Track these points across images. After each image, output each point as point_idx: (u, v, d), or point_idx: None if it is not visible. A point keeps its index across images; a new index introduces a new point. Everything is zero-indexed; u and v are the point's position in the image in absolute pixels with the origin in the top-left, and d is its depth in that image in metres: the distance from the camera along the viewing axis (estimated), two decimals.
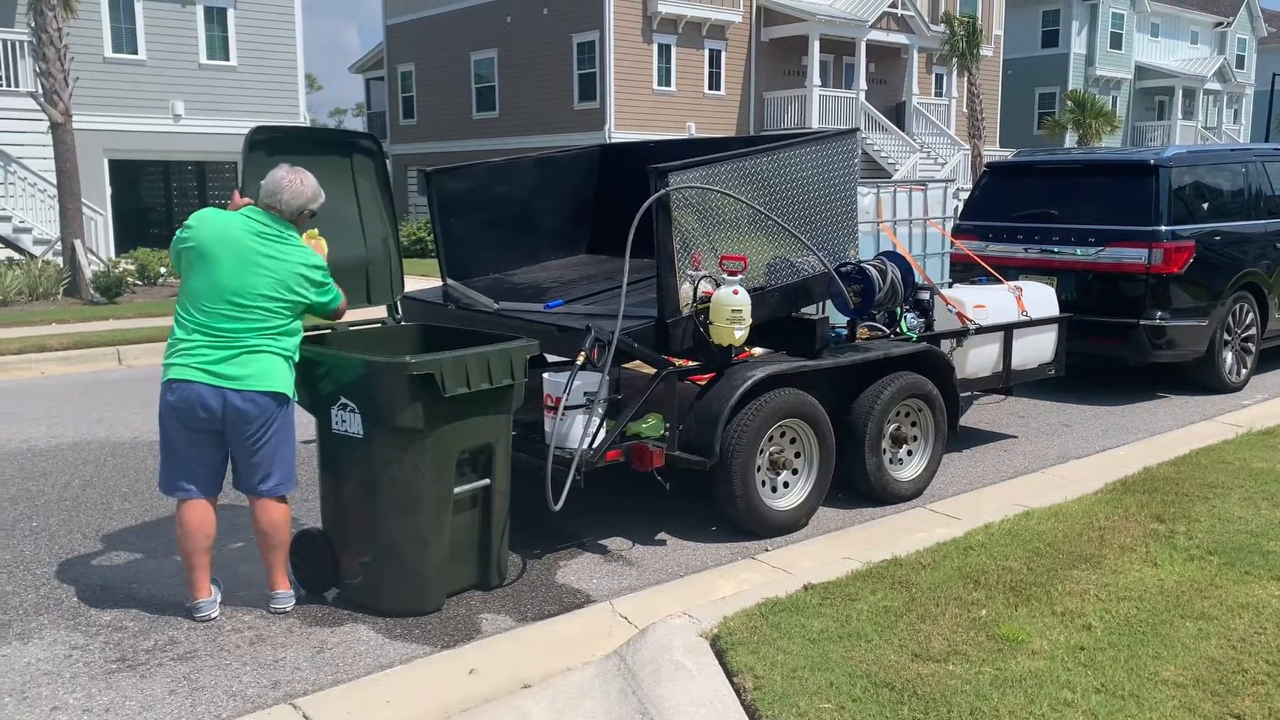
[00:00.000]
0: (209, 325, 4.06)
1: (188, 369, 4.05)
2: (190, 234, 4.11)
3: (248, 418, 4.10)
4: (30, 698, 3.63)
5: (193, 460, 4.16)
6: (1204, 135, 42.41)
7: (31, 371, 10.21)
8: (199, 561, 4.25)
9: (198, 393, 4.04)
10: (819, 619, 3.91)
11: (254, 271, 4.07)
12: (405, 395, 4.03)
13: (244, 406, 4.07)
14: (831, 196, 5.79)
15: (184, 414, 4.08)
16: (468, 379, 4.15)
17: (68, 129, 14.93)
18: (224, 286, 4.04)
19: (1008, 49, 37.47)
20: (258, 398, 4.09)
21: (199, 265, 4.07)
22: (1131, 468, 6.11)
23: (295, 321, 4.22)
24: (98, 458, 6.86)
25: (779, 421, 5.23)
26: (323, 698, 3.59)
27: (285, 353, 4.18)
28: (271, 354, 4.12)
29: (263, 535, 4.29)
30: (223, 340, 4.05)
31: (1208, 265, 8.56)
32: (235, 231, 4.10)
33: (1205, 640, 3.77)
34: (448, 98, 31.68)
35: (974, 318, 6.55)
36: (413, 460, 4.13)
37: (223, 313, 4.05)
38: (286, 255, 4.14)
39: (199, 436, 4.13)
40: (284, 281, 4.12)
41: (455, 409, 4.18)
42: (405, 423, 4.07)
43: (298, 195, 4.20)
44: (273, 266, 4.10)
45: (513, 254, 6.65)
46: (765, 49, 29.77)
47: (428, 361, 4.06)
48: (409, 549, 4.21)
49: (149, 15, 20.90)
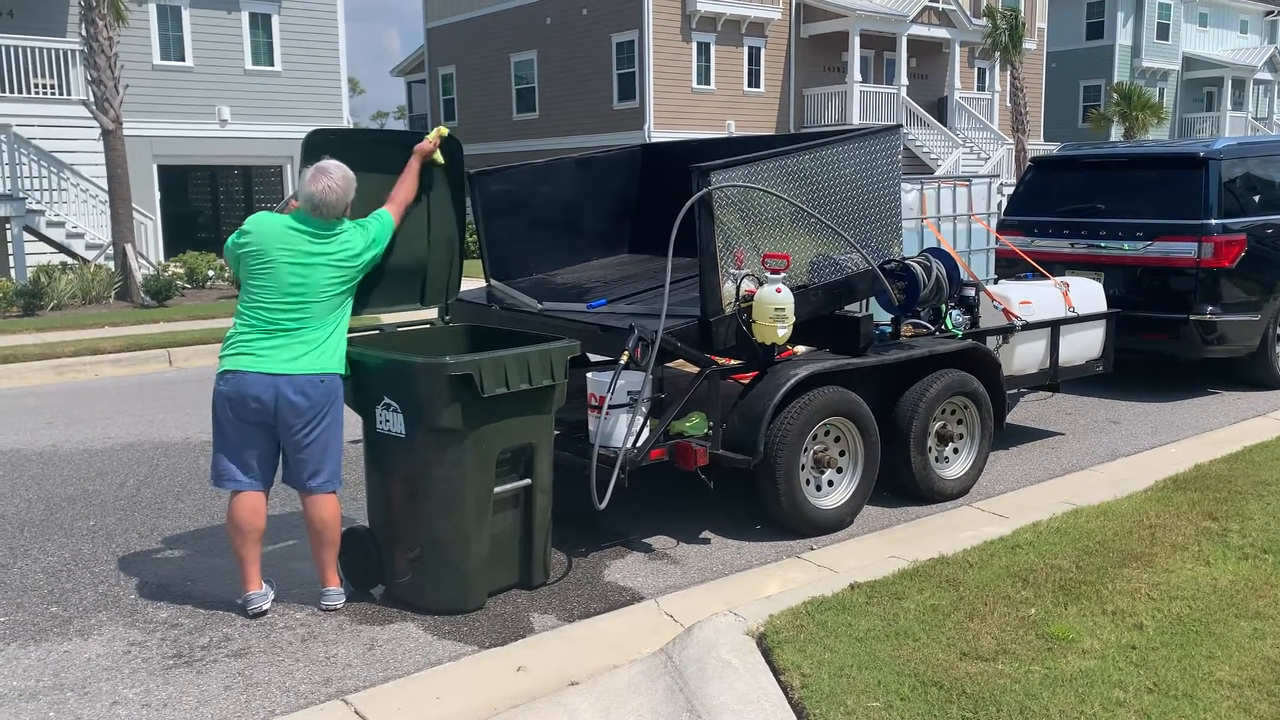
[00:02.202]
0: (269, 320, 4.16)
1: (242, 358, 4.16)
2: (248, 238, 4.22)
3: (298, 410, 4.16)
4: (91, 692, 3.72)
5: (244, 451, 4.23)
6: (1254, 126, 41.55)
7: (86, 374, 10.42)
8: (249, 554, 4.33)
9: (250, 382, 4.13)
10: (866, 618, 3.90)
11: (313, 269, 4.20)
12: (445, 395, 4.07)
13: (295, 399, 4.15)
14: (875, 193, 5.76)
15: (236, 404, 4.16)
16: (506, 379, 4.18)
17: (118, 135, 15.22)
18: (284, 284, 4.16)
19: (1051, 42, 36.98)
20: (309, 389, 4.16)
21: (258, 266, 4.18)
22: (1182, 465, 6.03)
23: (348, 300, 4.36)
24: (151, 458, 7.00)
25: (823, 420, 5.21)
26: (374, 694, 3.64)
27: (338, 332, 4.30)
28: (324, 342, 4.23)
29: (314, 532, 4.36)
30: (280, 334, 4.16)
31: (1260, 259, 8.40)
32: (289, 234, 4.22)
33: (1260, 640, 3.71)
34: (488, 99, 31.86)
35: (1020, 314, 6.49)
36: (453, 460, 4.17)
37: (282, 308, 4.16)
38: (341, 246, 4.29)
39: (250, 428, 4.20)
40: (343, 264, 4.28)
41: (495, 409, 4.21)
42: (445, 423, 4.11)
43: (339, 197, 4.27)
44: (330, 260, 4.24)
45: (555, 254, 6.68)
46: (805, 46, 29.63)
47: (466, 362, 4.10)
48: (451, 548, 4.25)
49: (196, 23, 21.25)
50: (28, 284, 14.26)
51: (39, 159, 17.37)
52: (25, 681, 3.80)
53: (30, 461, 6.94)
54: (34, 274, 14.71)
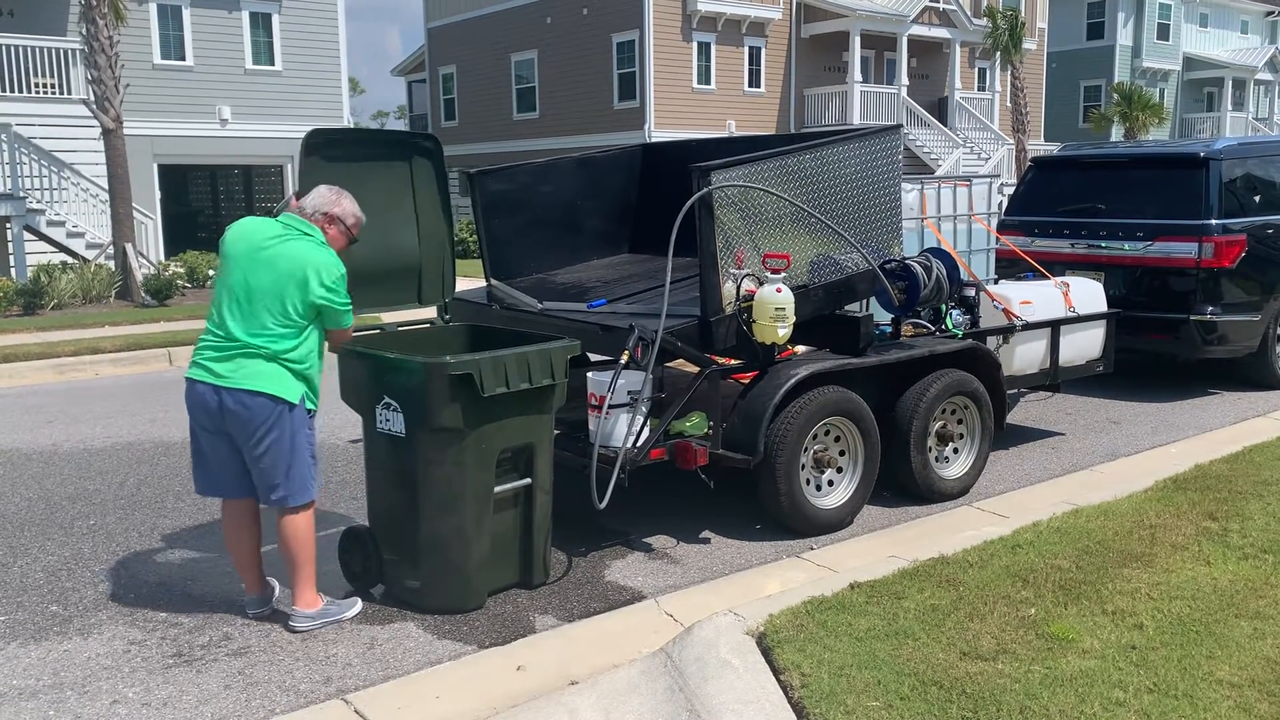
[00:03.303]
0: (219, 325, 4.05)
1: (194, 367, 4.07)
2: (222, 240, 4.15)
3: (240, 420, 4.00)
4: (91, 691, 3.72)
5: (214, 459, 4.15)
6: (1255, 126, 41.53)
7: (86, 373, 10.42)
8: (243, 561, 4.29)
9: (200, 391, 4.04)
10: (866, 617, 3.90)
11: (258, 269, 4.00)
12: (445, 395, 4.06)
13: (235, 408, 3.99)
14: (875, 193, 5.76)
15: (194, 413, 4.10)
16: (507, 379, 4.17)
17: (119, 135, 15.21)
18: (233, 286, 4.02)
19: (1052, 42, 36.97)
20: (246, 399, 3.98)
21: (221, 268, 4.11)
22: (1183, 465, 6.03)
23: (304, 329, 4.06)
24: (151, 457, 7.00)
25: (823, 420, 5.21)
26: (374, 693, 3.64)
27: (285, 358, 4.02)
28: (266, 358, 4.00)
29: (279, 547, 4.23)
30: (225, 340, 4.01)
31: (1260, 259, 8.40)
32: (253, 233, 4.08)
33: (1260, 640, 3.71)
34: (488, 99, 31.86)
35: (1020, 314, 6.49)
36: (453, 459, 4.16)
37: (230, 312, 4.02)
38: (296, 252, 4.03)
39: (213, 436, 4.11)
40: (290, 275, 3.99)
41: (495, 409, 4.20)
42: (445, 422, 4.10)
43: (324, 200, 4.19)
44: (279, 264, 4.00)
45: (555, 254, 6.68)
46: (805, 46, 29.63)
47: (467, 361, 4.09)
48: (450, 547, 4.25)
49: (196, 22, 21.25)
50: (28, 283, 14.27)
51: (39, 158, 17.36)
52: (25, 680, 3.81)
53: (30, 460, 6.94)
54: (34, 273, 14.72)
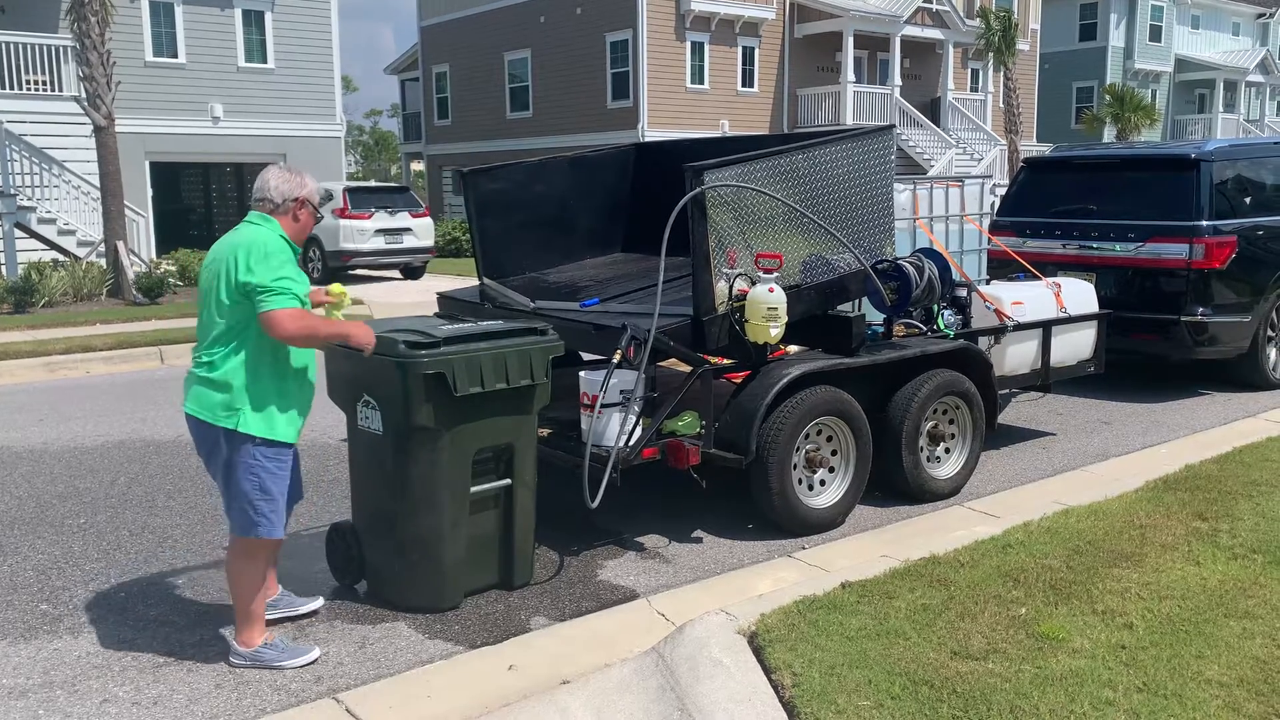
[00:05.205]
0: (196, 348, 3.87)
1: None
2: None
3: (196, 439, 3.87)
4: (81, 690, 3.71)
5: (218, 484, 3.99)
6: (1246, 128, 41.69)
7: (77, 371, 10.39)
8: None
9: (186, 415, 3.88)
10: (857, 617, 3.91)
11: (207, 268, 3.78)
12: (419, 393, 4.01)
13: (191, 426, 3.84)
14: (868, 193, 5.77)
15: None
16: (482, 379, 4.11)
17: (110, 132, 15.15)
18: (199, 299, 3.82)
19: (1044, 43, 37.05)
20: (192, 424, 3.82)
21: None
22: (1173, 465, 6.05)
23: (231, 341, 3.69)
24: (142, 456, 6.98)
25: (815, 419, 5.22)
26: (365, 692, 3.64)
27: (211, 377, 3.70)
28: (201, 380, 3.74)
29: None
30: (195, 365, 3.81)
31: (1250, 260, 8.43)
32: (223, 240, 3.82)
33: (1249, 639, 3.73)
34: (482, 98, 31.84)
35: (1012, 314, 6.50)
36: (428, 458, 4.11)
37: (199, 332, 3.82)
38: (228, 240, 3.71)
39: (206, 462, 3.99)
40: (221, 264, 3.68)
41: (471, 408, 4.14)
42: (420, 420, 4.04)
43: (291, 185, 3.84)
44: (214, 265, 3.73)
45: (548, 253, 6.69)
46: (799, 46, 29.65)
47: (439, 360, 4.02)
48: (427, 546, 4.22)
49: (188, 19, 21.21)
50: (19, 281, 14.20)
51: (30, 155, 17.29)
52: (15, 679, 3.79)
53: (21, 459, 6.92)
54: (25, 271, 14.65)
